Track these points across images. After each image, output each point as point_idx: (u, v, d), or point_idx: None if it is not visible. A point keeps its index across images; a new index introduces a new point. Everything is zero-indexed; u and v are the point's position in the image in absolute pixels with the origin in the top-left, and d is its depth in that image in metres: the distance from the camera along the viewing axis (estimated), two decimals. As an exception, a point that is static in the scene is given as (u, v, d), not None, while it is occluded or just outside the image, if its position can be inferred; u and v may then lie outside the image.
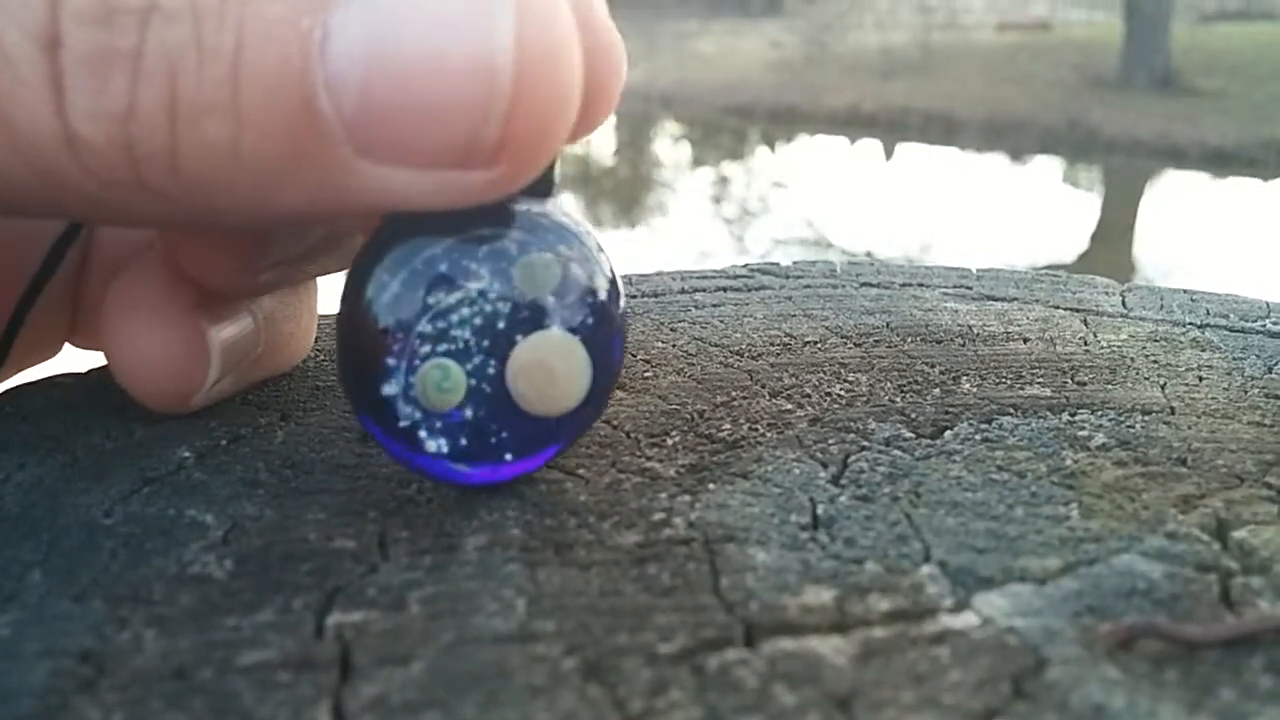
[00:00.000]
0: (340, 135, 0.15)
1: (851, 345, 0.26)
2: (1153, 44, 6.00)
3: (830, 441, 0.21)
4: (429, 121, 0.15)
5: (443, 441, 0.18)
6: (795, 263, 0.33)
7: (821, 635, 0.15)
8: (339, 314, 0.18)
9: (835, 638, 0.15)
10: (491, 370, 0.17)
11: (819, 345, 0.26)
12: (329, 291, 0.24)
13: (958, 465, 0.20)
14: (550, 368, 0.18)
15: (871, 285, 0.31)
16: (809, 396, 0.23)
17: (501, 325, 0.17)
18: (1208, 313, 0.29)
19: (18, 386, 0.23)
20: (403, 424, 0.18)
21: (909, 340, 0.26)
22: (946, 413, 0.22)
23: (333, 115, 0.15)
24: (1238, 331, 0.27)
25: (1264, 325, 0.28)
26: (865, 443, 0.21)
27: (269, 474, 0.19)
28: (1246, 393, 0.23)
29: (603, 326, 0.18)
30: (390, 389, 0.17)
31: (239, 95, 0.14)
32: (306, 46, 0.15)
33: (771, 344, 0.26)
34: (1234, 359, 0.25)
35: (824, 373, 0.24)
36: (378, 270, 0.17)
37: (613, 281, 0.18)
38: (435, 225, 0.17)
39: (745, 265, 0.33)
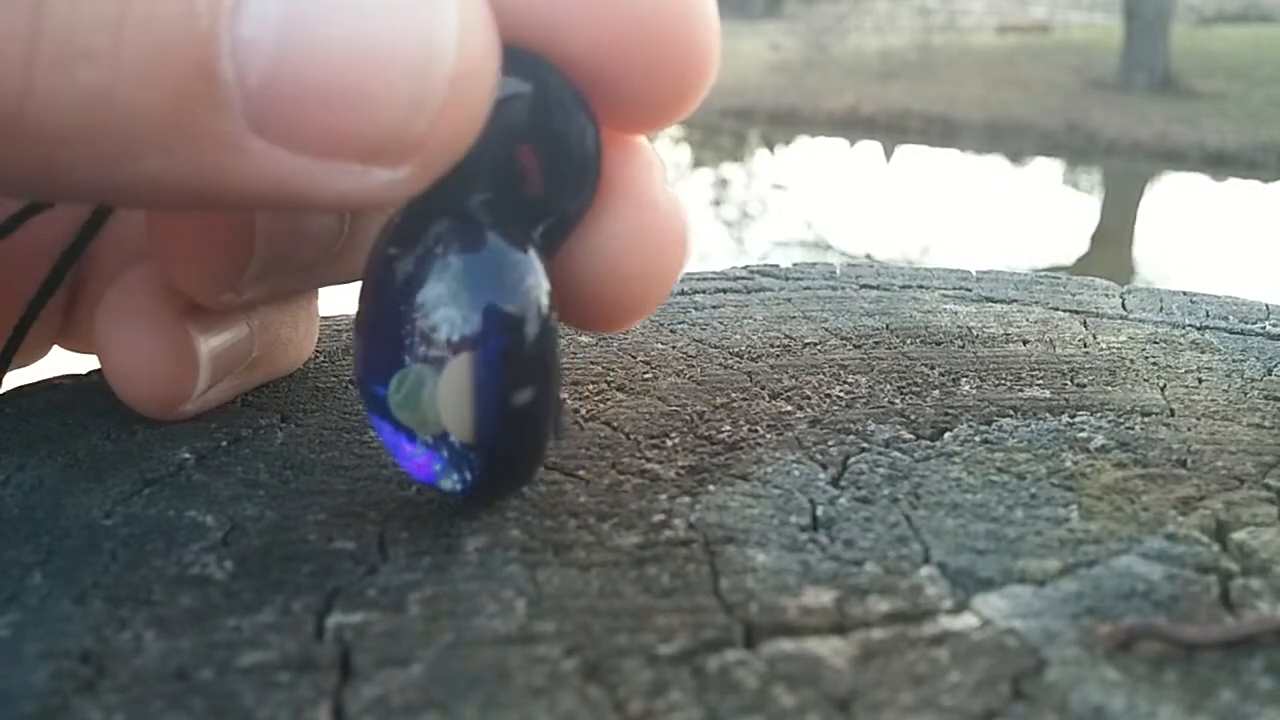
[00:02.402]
0: (236, 107, 0.14)
1: (851, 347, 0.26)
2: (1152, 46, 6.00)
3: (830, 443, 0.21)
4: (349, 108, 0.14)
5: (430, 456, 0.17)
6: (795, 264, 0.33)
7: (821, 636, 0.15)
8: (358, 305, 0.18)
9: (835, 639, 0.15)
10: None
11: (818, 347, 0.26)
12: (330, 294, 0.24)
13: (957, 467, 0.20)
14: (418, 388, 0.17)
15: (871, 287, 0.31)
16: (808, 398, 0.23)
17: (455, 338, 0.16)
18: (1207, 314, 0.29)
19: (18, 388, 0.23)
20: (394, 429, 0.18)
21: (908, 342, 0.26)
22: (946, 414, 0.22)
23: (233, 84, 0.14)
24: (1237, 333, 0.27)
25: (1263, 327, 0.28)
26: (865, 444, 0.21)
27: (269, 475, 0.19)
28: (1246, 394, 0.23)
29: (508, 374, 0.16)
30: (380, 389, 0.17)
31: (123, 44, 0.13)
32: (217, 6, 0.14)
33: (771, 345, 0.26)
34: (1234, 361, 0.25)
35: (823, 374, 0.24)
36: (385, 253, 0.17)
37: (518, 318, 0.16)
38: (425, 219, 0.17)
39: (745, 267, 0.33)
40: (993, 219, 3.93)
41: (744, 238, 3.69)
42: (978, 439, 0.21)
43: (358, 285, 0.18)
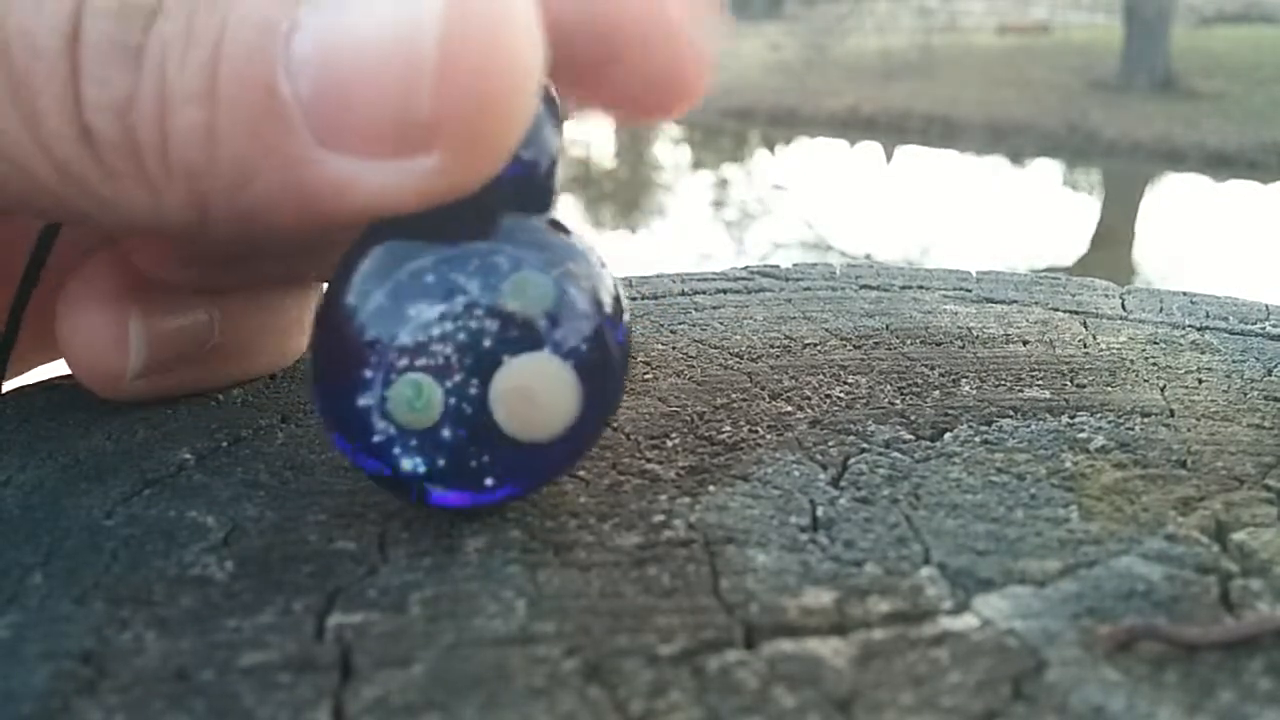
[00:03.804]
0: (299, 121, 0.15)
1: (851, 348, 0.26)
2: (1152, 47, 6.00)
3: (830, 444, 0.21)
4: (362, 100, 0.15)
5: (418, 460, 0.17)
6: (795, 265, 0.33)
7: (821, 637, 0.15)
8: (315, 321, 0.18)
9: (835, 639, 0.15)
10: (474, 390, 0.17)
11: (819, 347, 0.26)
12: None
13: (957, 467, 0.20)
14: (532, 393, 0.17)
15: (871, 288, 0.31)
16: (809, 399, 0.23)
17: (488, 344, 0.17)
18: (1207, 315, 0.29)
19: (19, 388, 0.23)
20: (377, 439, 0.17)
21: (908, 343, 0.26)
22: (946, 415, 0.22)
23: (291, 100, 0.15)
24: (1237, 334, 0.27)
25: (1263, 328, 0.28)
26: (865, 445, 0.21)
27: (270, 476, 0.19)
28: (1246, 395, 0.23)
29: (598, 353, 0.17)
30: (365, 400, 0.17)
31: (217, 81, 0.15)
32: (273, 31, 0.15)
33: (771, 346, 0.26)
34: (1233, 361, 0.25)
35: (823, 375, 0.24)
36: (360, 277, 0.17)
37: (615, 305, 0.17)
38: (425, 232, 0.17)
39: (745, 268, 0.33)
40: (993, 219, 3.93)
41: (744, 238, 3.69)
42: (978, 439, 0.21)
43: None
